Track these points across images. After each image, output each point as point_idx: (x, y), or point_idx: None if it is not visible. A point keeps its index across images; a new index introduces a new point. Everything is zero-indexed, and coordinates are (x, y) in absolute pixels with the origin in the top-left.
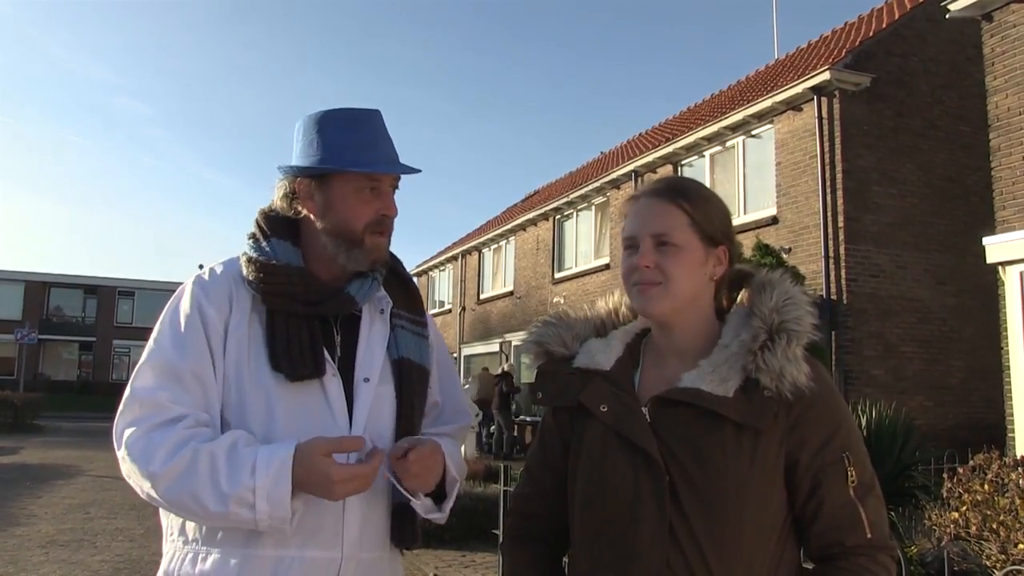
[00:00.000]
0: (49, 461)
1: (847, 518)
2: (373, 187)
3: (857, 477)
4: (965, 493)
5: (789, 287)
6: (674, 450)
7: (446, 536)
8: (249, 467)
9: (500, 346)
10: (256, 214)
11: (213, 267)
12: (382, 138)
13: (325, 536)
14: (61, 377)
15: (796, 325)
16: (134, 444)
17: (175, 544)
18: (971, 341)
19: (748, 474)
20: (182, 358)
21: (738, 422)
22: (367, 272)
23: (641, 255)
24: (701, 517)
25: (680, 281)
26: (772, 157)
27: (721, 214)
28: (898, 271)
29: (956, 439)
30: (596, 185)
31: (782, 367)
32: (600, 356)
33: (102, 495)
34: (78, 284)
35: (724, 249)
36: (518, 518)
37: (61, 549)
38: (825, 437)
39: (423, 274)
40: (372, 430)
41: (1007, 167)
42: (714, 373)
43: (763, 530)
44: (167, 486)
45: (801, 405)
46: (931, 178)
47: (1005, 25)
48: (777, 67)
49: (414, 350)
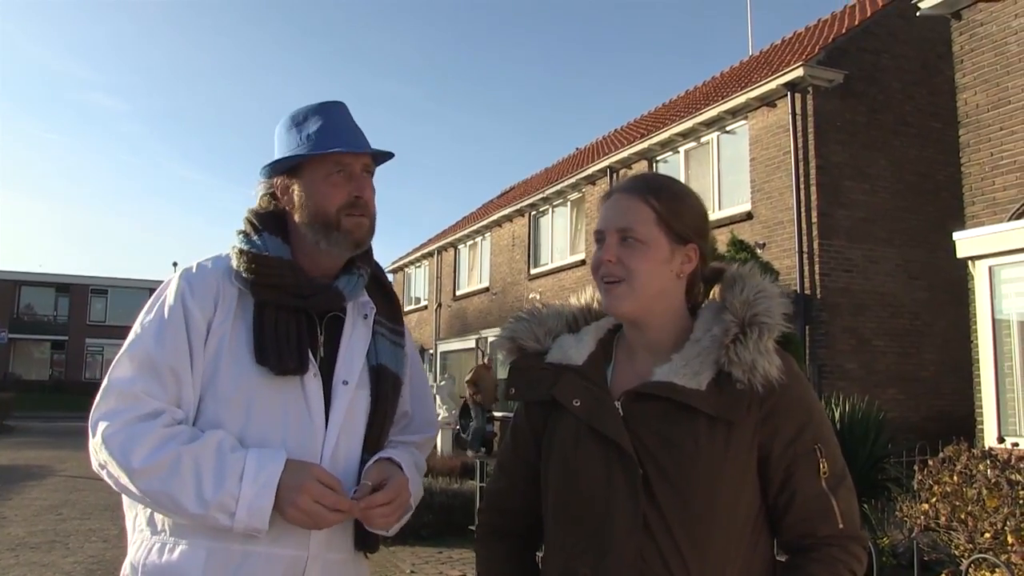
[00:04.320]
0: (20, 462)
1: (819, 509)
2: (342, 170)
3: (829, 468)
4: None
5: (760, 280)
6: (647, 443)
7: (423, 532)
8: (237, 475)
9: (476, 342)
10: (245, 213)
11: (202, 262)
12: (347, 124)
13: (294, 534)
14: (33, 376)
15: (767, 317)
16: (112, 436)
17: (143, 534)
18: (942, 335)
19: (721, 466)
20: (161, 352)
21: (711, 414)
22: (353, 269)
23: (605, 249)
24: (675, 509)
25: (641, 277)
26: (746, 153)
27: (693, 211)
28: (871, 266)
29: (927, 431)
30: (571, 181)
31: (754, 360)
32: (572, 351)
33: (75, 496)
34: (50, 282)
35: (694, 247)
36: (491, 513)
37: (32, 551)
38: (797, 428)
39: (399, 270)
40: (345, 433)
41: (976, 163)
42: (686, 367)
43: (736, 522)
44: (146, 483)
45: (773, 397)
46: (903, 174)
47: (973, 23)
48: (751, 63)
49: (391, 358)
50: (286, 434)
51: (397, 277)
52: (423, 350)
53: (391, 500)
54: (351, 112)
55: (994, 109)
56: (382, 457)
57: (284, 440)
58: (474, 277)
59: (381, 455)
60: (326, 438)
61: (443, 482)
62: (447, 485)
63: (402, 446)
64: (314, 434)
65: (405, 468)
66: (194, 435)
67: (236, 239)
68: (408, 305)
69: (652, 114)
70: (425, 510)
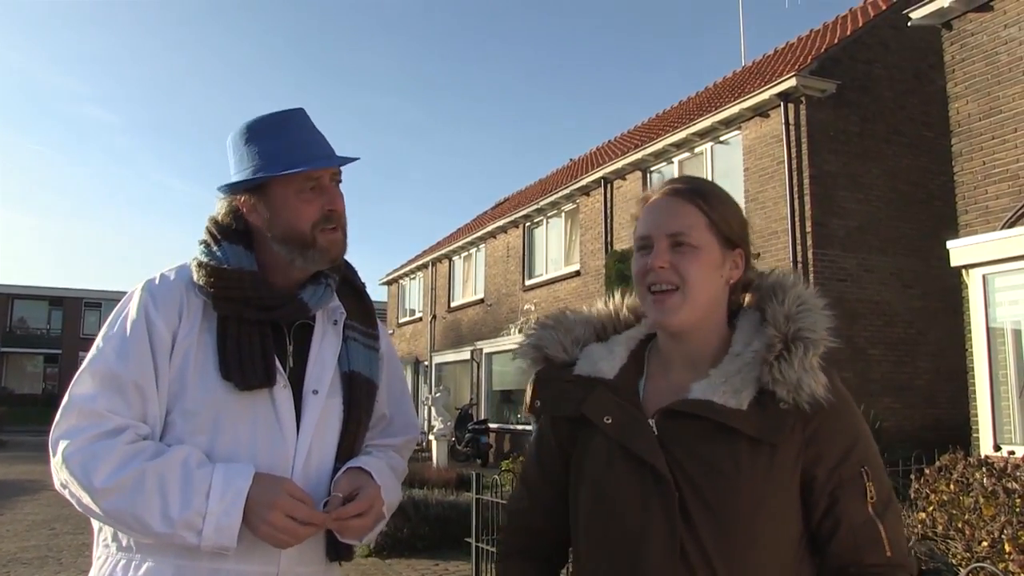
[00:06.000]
0: (12, 477)
1: (867, 536)
2: (313, 186)
3: (876, 493)
4: (932, 493)
5: (802, 290)
6: (684, 465)
7: (419, 545)
8: (203, 492)
9: (471, 354)
10: (207, 221)
11: (165, 273)
12: (311, 134)
13: (263, 551)
14: (25, 390)
15: (812, 333)
16: (72, 456)
17: (108, 550)
18: (937, 343)
19: (763, 491)
20: (124, 367)
21: (753, 436)
22: (321, 279)
23: (655, 255)
24: (714, 536)
25: (697, 284)
26: (740, 163)
27: (738, 216)
28: (865, 275)
29: (923, 440)
30: (566, 192)
31: (799, 378)
32: (603, 363)
33: (67, 510)
34: (43, 296)
35: (741, 252)
36: (516, 534)
37: (24, 567)
38: (843, 451)
39: (394, 282)
40: (317, 443)
41: (969, 172)
42: (726, 384)
43: (779, 549)
44: (109, 502)
45: (818, 418)
46: (896, 183)
47: (964, 33)
48: (744, 74)
49: (364, 363)
50: (255, 447)
51: (392, 289)
52: (418, 361)
53: (363, 511)
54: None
55: (986, 118)
56: (352, 466)
57: (254, 453)
58: (468, 289)
59: (351, 464)
60: (297, 449)
61: (439, 494)
62: (443, 497)
63: (378, 451)
64: (285, 445)
65: (376, 476)
66: (159, 451)
67: (197, 249)
68: (403, 317)
69: (646, 125)
70: (421, 522)
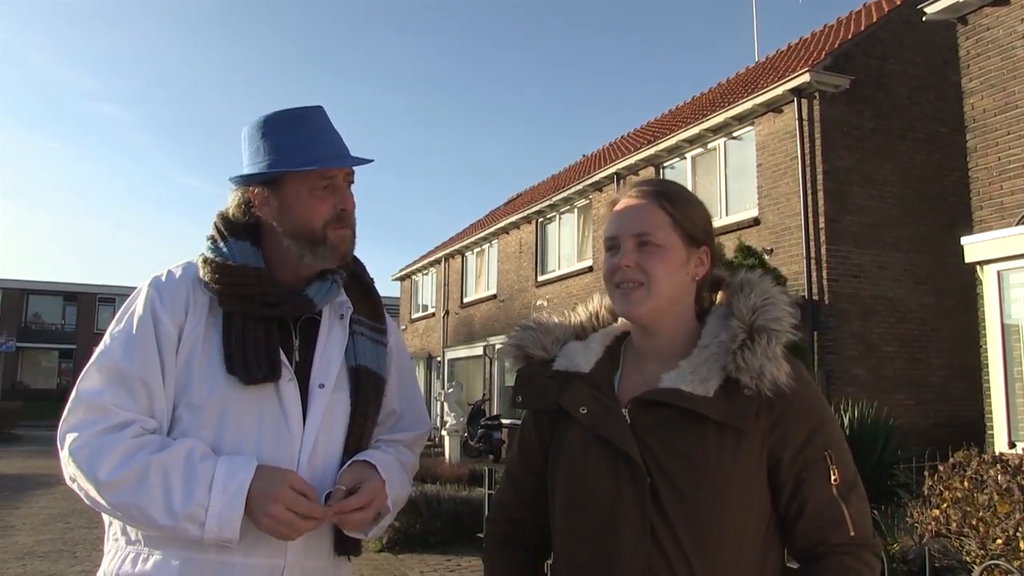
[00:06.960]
0: (28, 471)
1: (831, 517)
2: (327, 184)
3: (840, 475)
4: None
5: (768, 287)
6: (655, 452)
7: (431, 540)
8: (206, 484)
9: (484, 349)
10: (215, 217)
11: (172, 269)
12: (328, 133)
13: (270, 543)
14: (40, 385)
15: (775, 324)
16: (79, 449)
17: (117, 543)
18: (950, 340)
19: (730, 474)
20: (130, 362)
21: (719, 422)
22: (327, 275)
23: (622, 255)
24: (683, 519)
25: (661, 281)
26: (753, 159)
27: (702, 215)
28: (878, 271)
29: (937, 437)
30: (578, 188)
31: (762, 365)
32: (579, 358)
33: (82, 504)
34: (57, 291)
35: (706, 250)
36: (499, 523)
37: (40, 560)
38: (807, 435)
39: (406, 278)
40: (324, 438)
41: (984, 167)
42: (694, 373)
43: (747, 531)
44: (114, 495)
45: (782, 404)
46: (910, 179)
47: (979, 28)
48: (757, 69)
49: (371, 358)
50: (262, 441)
51: (404, 284)
52: (430, 357)
53: (365, 504)
54: (329, 116)
55: (1001, 113)
56: (357, 460)
57: (260, 447)
58: (481, 284)
59: (357, 457)
60: (303, 443)
61: (451, 489)
62: (455, 492)
63: (387, 445)
64: (291, 439)
65: (382, 469)
66: (164, 444)
67: (204, 246)
68: (415, 312)
69: (659, 120)
70: (433, 517)
